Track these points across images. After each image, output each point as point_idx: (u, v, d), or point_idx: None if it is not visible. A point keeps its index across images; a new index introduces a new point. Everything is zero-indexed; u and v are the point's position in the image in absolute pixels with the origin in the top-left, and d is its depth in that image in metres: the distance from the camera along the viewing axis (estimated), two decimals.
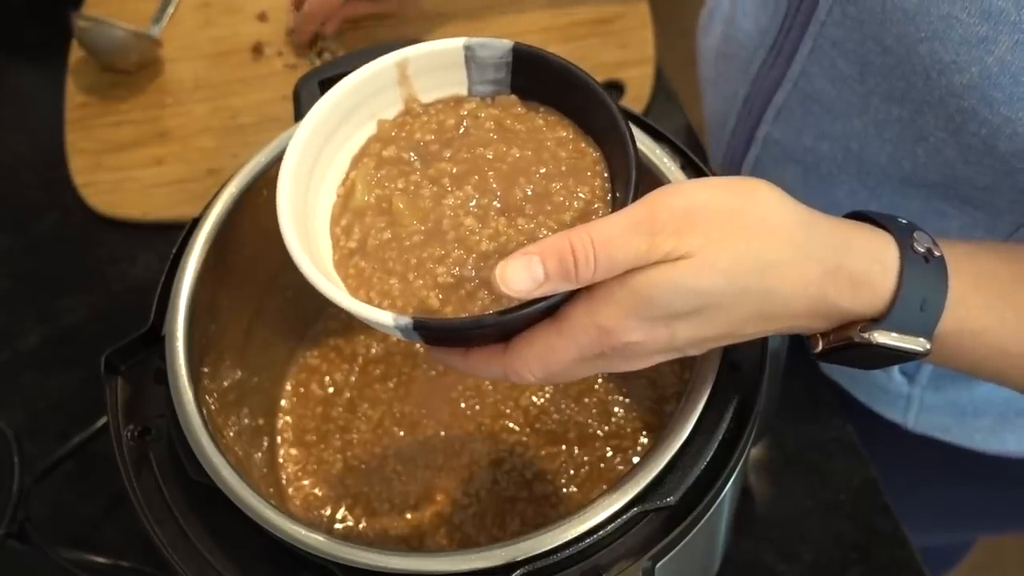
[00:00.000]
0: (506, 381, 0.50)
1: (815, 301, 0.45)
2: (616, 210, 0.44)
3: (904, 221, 0.48)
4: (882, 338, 0.46)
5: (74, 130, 0.97)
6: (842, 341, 0.47)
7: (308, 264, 0.45)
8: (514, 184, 0.48)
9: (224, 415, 0.62)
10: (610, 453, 0.68)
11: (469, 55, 0.51)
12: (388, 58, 0.51)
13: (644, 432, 0.68)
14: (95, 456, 0.69)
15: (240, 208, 0.62)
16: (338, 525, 0.67)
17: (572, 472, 0.67)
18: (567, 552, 0.50)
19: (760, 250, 0.44)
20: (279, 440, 0.71)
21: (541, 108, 0.52)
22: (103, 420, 0.68)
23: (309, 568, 0.51)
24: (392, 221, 0.49)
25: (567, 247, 0.42)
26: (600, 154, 0.50)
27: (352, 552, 0.50)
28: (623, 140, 0.47)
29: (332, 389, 0.72)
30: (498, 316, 0.44)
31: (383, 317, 0.44)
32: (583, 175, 0.49)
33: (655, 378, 0.69)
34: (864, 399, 0.82)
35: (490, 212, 0.48)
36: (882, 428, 0.81)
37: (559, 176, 0.49)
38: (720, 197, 0.44)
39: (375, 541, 0.66)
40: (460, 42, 0.51)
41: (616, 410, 0.69)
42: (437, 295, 0.46)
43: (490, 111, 0.52)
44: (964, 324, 0.48)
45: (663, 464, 0.51)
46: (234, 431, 0.63)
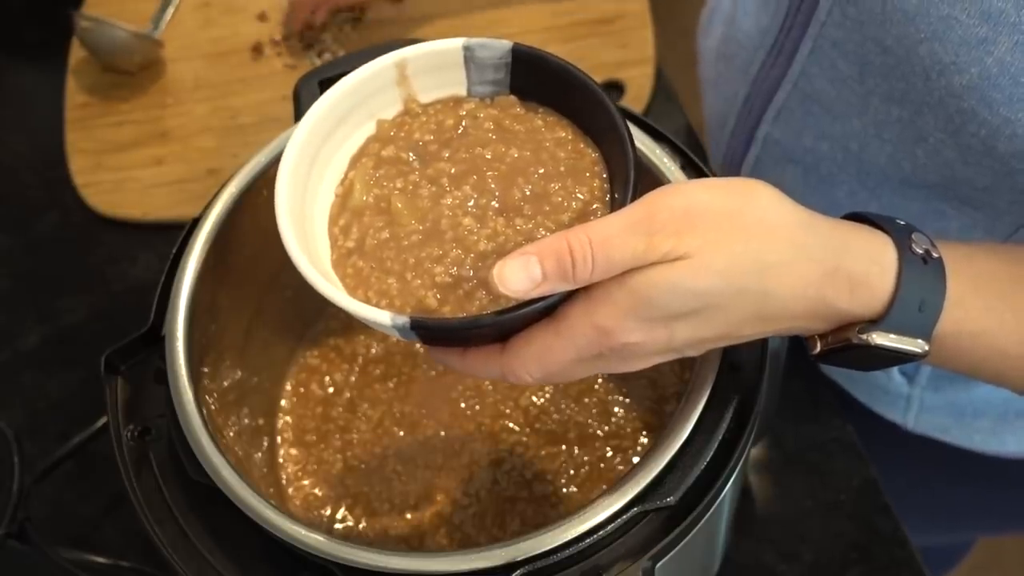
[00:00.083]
0: (504, 381, 0.50)
1: (813, 302, 0.45)
2: (615, 210, 0.44)
3: (902, 222, 0.48)
4: (880, 339, 0.46)
5: (74, 130, 0.97)
6: (840, 342, 0.47)
7: (306, 263, 0.45)
8: (513, 184, 0.48)
9: (224, 415, 0.62)
10: (610, 453, 0.68)
11: (468, 55, 0.51)
12: (387, 58, 0.51)
13: (644, 432, 0.68)
14: (95, 456, 0.69)
15: (240, 208, 0.62)
16: (338, 525, 0.67)
17: (572, 472, 0.67)
18: (567, 552, 0.50)
19: (759, 251, 0.44)
20: (279, 440, 0.71)
21: (540, 109, 0.51)
22: (103, 420, 0.68)
23: (309, 568, 0.51)
24: (390, 221, 0.49)
25: (565, 247, 0.42)
26: (599, 155, 0.49)
27: (352, 552, 0.50)
28: (622, 140, 0.47)
29: (332, 389, 0.72)
30: (496, 316, 0.44)
31: (380, 317, 0.44)
32: (582, 175, 0.49)
33: (655, 378, 0.69)
34: (864, 399, 0.81)
35: (488, 212, 0.48)
36: (882, 428, 0.81)
37: (558, 176, 0.48)
38: (719, 198, 0.44)
39: (375, 541, 0.66)
40: (459, 42, 0.51)
41: (616, 410, 0.69)
42: (435, 295, 0.46)
43: (489, 111, 0.52)
44: (962, 325, 0.48)
45: (663, 464, 0.51)
46: (234, 431, 0.63)
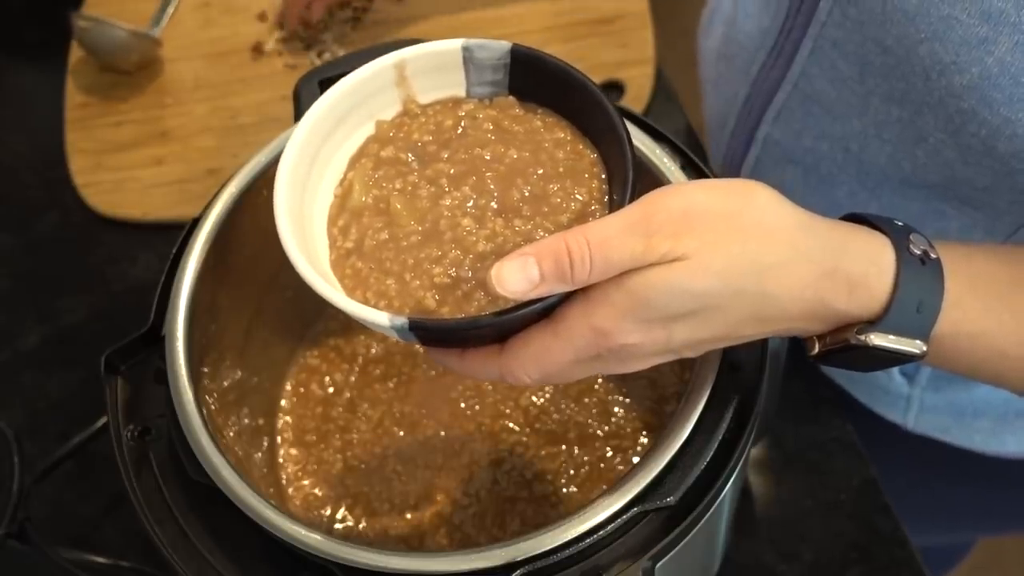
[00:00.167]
0: (502, 382, 0.50)
1: (811, 303, 0.45)
2: (613, 211, 0.44)
3: (900, 223, 0.48)
4: (878, 340, 0.46)
5: (74, 130, 0.97)
6: (838, 344, 0.47)
7: (304, 264, 0.45)
8: (511, 185, 0.48)
9: (224, 415, 0.62)
10: (610, 453, 0.68)
11: (467, 56, 0.51)
12: (386, 59, 0.51)
13: (644, 432, 0.68)
14: (95, 456, 0.69)
15: (240, 208, 0.62)
16: (338, 525, 0.67)
17: (572, 472, 0.67)
18: (567, 552, 0.50)
19: (756, 252, 0.44)
20: (279, 440, 0.71)
21: (539, 109, 0.51)
22: (103, 420, 0.68)
23: (309, 568, 0.51)
24: (389, 222, 0.49)
25: (563, 248, 0.42)
26: (597, 155, 0.49)
27: (352, 552, 0.50)
28: (620, 141, 0.47)
29: (332, 389, 0.72)
30: (494, 317, 0.44)
31: (379, 317, 0.44)
32: (580, 176, 0.49)
33: (655, 378, 0.69)
34: (864, 399, 0.81)
35: (487, 213, 0.48)
36: (882, 428, 0.81)
37: (556, 177, 0.48)
38: (717, 199, 0.44)
39: (375, 541, 0.66)
40: (458, 43, 0.51)
41: (616, 410, 0.69)
42: (434, 296, 0.46)
43: (488, 112, 0.52)
44: (960, 326, 0.48)
45: (663, 464, 0.51)
46: (234, 431, 0.63)
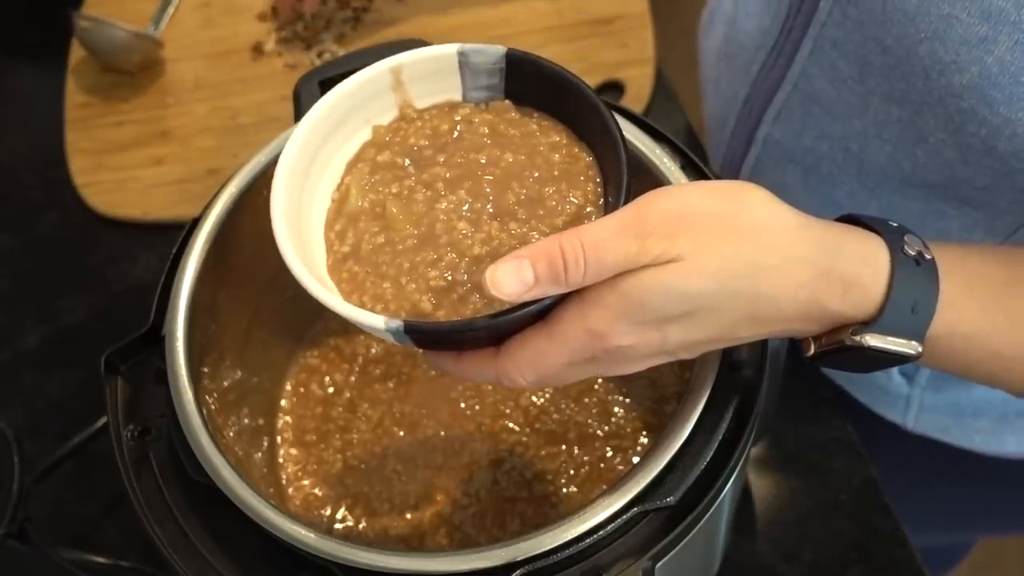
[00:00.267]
0: (498, 385, 0.50)
1: (806, 304, 0.45)
2: (607, 214, 0.44)
3: (895, 224, 0.48)
4: (873, 341, 0.46)
5: (74, 130, 0.97)
6: (834, 344, 0.47)
7: (300, 267, 0.46)
8: (507, 188, 0.48)
9: (224, 415, 0.62)
10: (610, 453, 0.68)
11: (463, 61, 0.51)
12: (382, 64, 0.51)
13: (644, 432, 0.68)
14: (95, 456, 0.69)
15: (240, 208, 0.62)
16: (338, 525, 0.67)
17: (572, 472, 0.67)
18: (567, 552, 0.50)
19: (751, 254, 0.44)
20: (279, 440, 0.71)
21: (535, 113, 0.51)
22: (103, 420, 0.69)
23: (309, 568, 0.51)
24: (386, 226, 0.49)
25: (557, 250, 0.42)
26: (593, 158, 0.49)
27: (352, 552, 0.50)
28: (615, 144, 0.47)
29: (332, 389, 0.73)
30: (489, 319, 0.44)
31: (374, 321, 0.44)
32: (576, 180, 0.49)
33: (655, 378, 0.69)
34: (864, 399, 0.81)
35: (483, 216, 0.48)
36: (882, 428, 0.81)
37: (552, 181, 0.49)
38: (712, 201, 0.44)
39: (375, 541, 0.66)
40: (454, 48, 0.51)
41: (616, 410, 0.69)
42: (430, 299, 0.46)
43: (484, 116, 0.52)
44: (955, 327, 0.48)
45: (663, 464, 0.51)
46: (234, 431, 0.63)
